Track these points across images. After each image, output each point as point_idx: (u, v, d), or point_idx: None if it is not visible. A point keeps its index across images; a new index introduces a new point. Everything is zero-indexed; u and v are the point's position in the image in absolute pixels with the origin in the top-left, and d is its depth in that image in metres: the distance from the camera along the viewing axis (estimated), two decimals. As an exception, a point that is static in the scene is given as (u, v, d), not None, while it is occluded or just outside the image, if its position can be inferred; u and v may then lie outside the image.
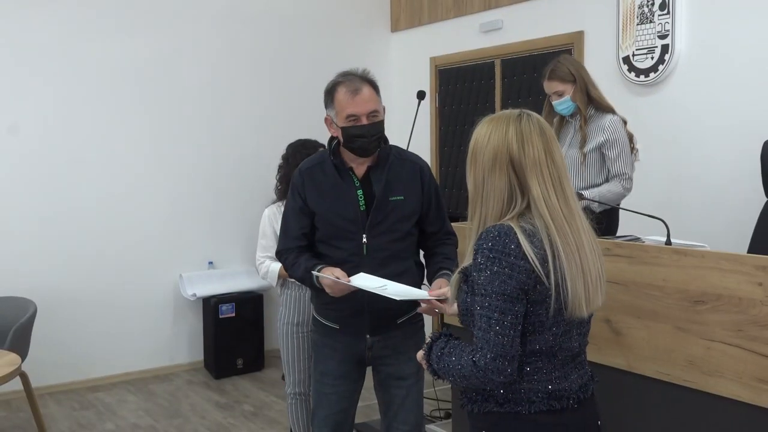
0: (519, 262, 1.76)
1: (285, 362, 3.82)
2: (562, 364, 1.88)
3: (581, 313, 1.83)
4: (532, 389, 1.85)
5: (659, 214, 2.86)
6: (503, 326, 1.76)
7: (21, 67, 5.26)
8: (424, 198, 2.81)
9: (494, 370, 1.76)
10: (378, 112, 2.82)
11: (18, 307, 4.41)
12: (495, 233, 1.79)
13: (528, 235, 1.79)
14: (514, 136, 1.83)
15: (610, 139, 3.63)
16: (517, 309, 1.77)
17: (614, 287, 2.68)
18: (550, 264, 1.78)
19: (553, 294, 1.78)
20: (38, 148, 5.31)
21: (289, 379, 3.83)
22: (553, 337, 1.84)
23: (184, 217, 5.91)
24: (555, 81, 3.70)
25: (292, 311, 3.79)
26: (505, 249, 1.77)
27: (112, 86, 5.56)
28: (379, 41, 6.82)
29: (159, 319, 5.87)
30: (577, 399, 1.89)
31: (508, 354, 1.77)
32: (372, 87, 2.85)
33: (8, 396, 5.10)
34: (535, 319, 1.81)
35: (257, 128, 6.09)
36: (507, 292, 1.76)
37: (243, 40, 6.11)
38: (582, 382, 1.93)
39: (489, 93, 5.89)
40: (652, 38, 4.65)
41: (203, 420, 4.86)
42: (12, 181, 5.25)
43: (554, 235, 1.79)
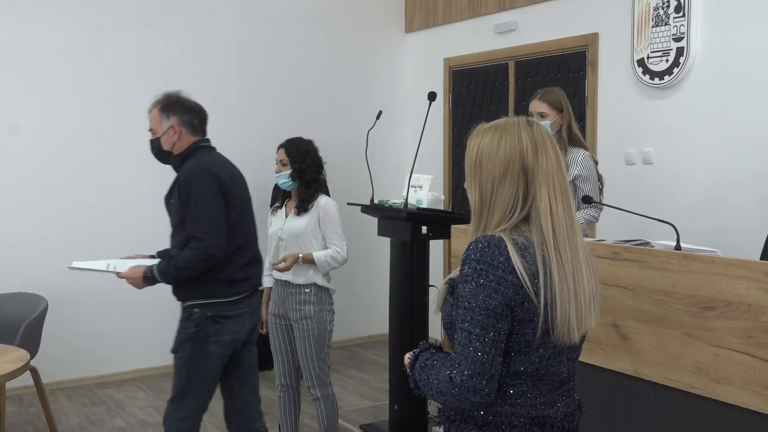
0: (507, 276, 1.65)
1: (272, 353, 3.94)
2: (548, 389, 1.76)
3: (570, 339, 1.71)
4: (514, 413, 1.73)
5: (669, 218, 2.83)
6: (483, 343, 1.64)
7: (38, 66, 5.30)
8: (181, 205, 3.08)
9: (470, 389, 1.64)
10: (152, 130, 3.25)
11: (29, 303, 4.43)
12: (484, 244, 1.68)
13: (519, 248, 1.68)
14: (528, 143, 1.72)
15: (584, 173, 3.71)
16: (500, 326, 1.65)
17: (622, 292, 2.65)
18: (540, 282, 1.67)
19: (542, 314, 1.67)
20: (53, 146, 5.34)
21: (275, 370, 3.96)
22: (539, 359, 1.72)
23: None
24: (544, 103, 3.76)
25: (273, 302, 3.88)
26: (493, 261, 1.66)
27: (126, 85, 5.59)
28: (393, 42, 6.81)
29: (169, 316, 5.83)
30: (561, 428, 1.78)
31: (487, 373, 1.65)
32: (156, 106, 3.27)
33: (20, 391, 5.13)
34: (521, 338, 1.69)
35: (272, 127, 6.10)
36: (491, 307, 1.64)
37: (257, 40, 6.12)
38: (568, 411, 1.81)
39: (503, 94, 5.86)
40: (667, 41, 4.62)
41: (211, 418, 4.86)
42: (25, 178, 5.28)
43: (550, 253, 1.69)
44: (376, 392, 5.30)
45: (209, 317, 3.09)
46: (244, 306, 3.20)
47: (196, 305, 3.10)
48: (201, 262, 3.03)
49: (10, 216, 5.23)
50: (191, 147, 3.21)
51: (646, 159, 4.81)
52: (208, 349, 3.11)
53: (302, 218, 3.79)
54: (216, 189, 3.06)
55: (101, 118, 5.52)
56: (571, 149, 3.75)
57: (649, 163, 4.80)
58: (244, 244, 3.19)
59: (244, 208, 3.23)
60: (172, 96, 3.27)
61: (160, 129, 3.20)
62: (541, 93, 3.79)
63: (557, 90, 3.83)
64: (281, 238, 3.79)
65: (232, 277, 3.12)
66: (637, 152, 4.88)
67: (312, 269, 3.74)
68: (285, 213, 3.85)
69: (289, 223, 3.80)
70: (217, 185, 3.07)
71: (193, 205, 3.03)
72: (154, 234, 5.72)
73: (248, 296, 3.23)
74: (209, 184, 3.05)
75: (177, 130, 3.18)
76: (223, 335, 3.12)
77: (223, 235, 3.05)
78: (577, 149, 3.75)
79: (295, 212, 3.80)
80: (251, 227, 3.29)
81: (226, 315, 3.12)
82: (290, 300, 3.78)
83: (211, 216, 3.02)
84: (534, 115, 3.76)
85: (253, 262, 3.26)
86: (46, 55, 5.33)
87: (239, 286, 3.16)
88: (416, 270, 3.96)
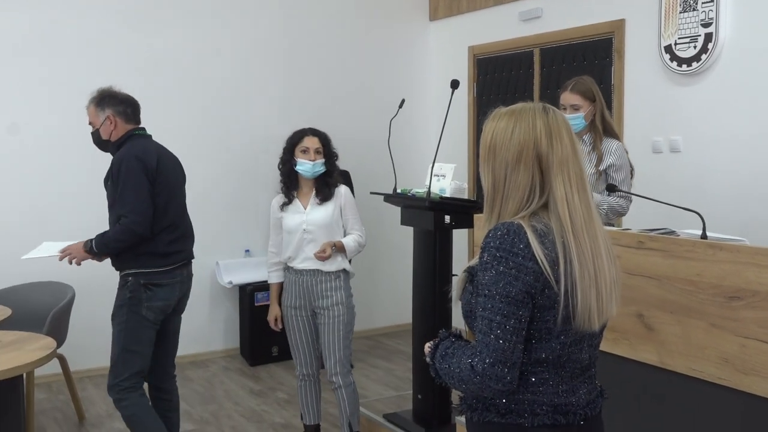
0: (527, 263, 1.64)
1: (290, 345, 3.93)
2: (570, 376, 1.75)
3: (591, 326, 1.70)
4: (536, 401, 1.73)
5: (697, 208, 2.78)
6: (504, 330, 1.64)
7: (58, 57, 5.35)
8: (113, 187, 3.45)
9: (492, 377, 1.64)
10: (91, 123, 3.61)
11: (56, 291, 4.49)
12: (503, 231, 1.67)
13: (539, 235, 1.67)
14: (543, 130, 1.70)
15: (617, 163, 3.67)
16: (521, 313, 1.65)
17: (647, 281, 2.62)
18: (561, 268, 1.66)
19: (562, 301, 1.66)
20: (77, 136, 5.37)
21: (295, 361, 3.94)
22: (560, 347, 1.71)
23: (222, 205, 5.97)
24: (576, 95, 3.70)
25: (291, 295, 3.85)
26: (512, 248, 1.65)
27: (148, 76, 5.62)
28: (417, 30, 6.78)
29: (196, 305, 5.88)
30: (583, 416, 1.77)
31: (509, 360, 1.65)
32: (92, 102, 3.59)
33: (49, 379, 5.21)
34: (542, 325, 1.68)
35: (294, 117, 6.07)
36: (512, 295, 1.64)
37: (280, 30, 6.13)
38: (590, 398, 1.81)
39: (528, 82, 5.81)
40: (695, 27, 4.54)
41: (237, 406, 4.91)
42: (54, 167, 5.34)
43: (570, 240, 1.67)
44: (401, 381, 5.30)
45: (142, 285, 3.47)
46: (174, 276, 3.56)
47: (131, 274, 3.49)
48: (127, 236, 3.41)
49: (38, 206, 5.30)
50: (126, 135, 3.57)
51: (674, 147, 4.75)
52: (142, 314, 3.48)
53: (326, 207, 3.80)
54: (142, 173, 3.42)
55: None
56: (606, 139, 3.71)
57: (676, 152, 4.73)
58: (174, 221, 3.58)
59: (173, 189, 3.60)
60: (105, 91, 3.62)
61: (98, 121, 3.56)
62: (572, 84, 3.74)
63: (587, 79, 3.78)
64: (306, 230, 3.78)
65: (163, 251, 3.51)
66: (664, 140, 4.81)
67: (341, 256, 3.80)
68: (302, 205, 3.83)
69: (313, 213, 3.80)
70: (143, 169, 3.43)
71: (121, 187, 3.41)
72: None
73: (178, 268, 3.59)
74: (135, 169, 3.41)
75: (112, 120, 3.54)
76: (154, 301, 3.50)
77: (146, 213, 3.41)
78: (610, 139, 3.72)
79: (317, 202, 3.81)
80: (182, 207, 3.68)
81: (158, 283, 3.50)
82: (319, 288, 3.79)
83: (135, 197, 3.39)
84: (566, 108, 3.72)
85: (182, 238, 3.64)
86: (59, 49, 5.38)
87: (169, 259, 3.54)
88: (439, 259, 3.94)
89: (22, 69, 5.26)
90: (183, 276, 3.63)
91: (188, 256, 3.69)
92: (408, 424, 4.06)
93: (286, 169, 3.85)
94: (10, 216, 5.22)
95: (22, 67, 5.25)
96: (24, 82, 5.27)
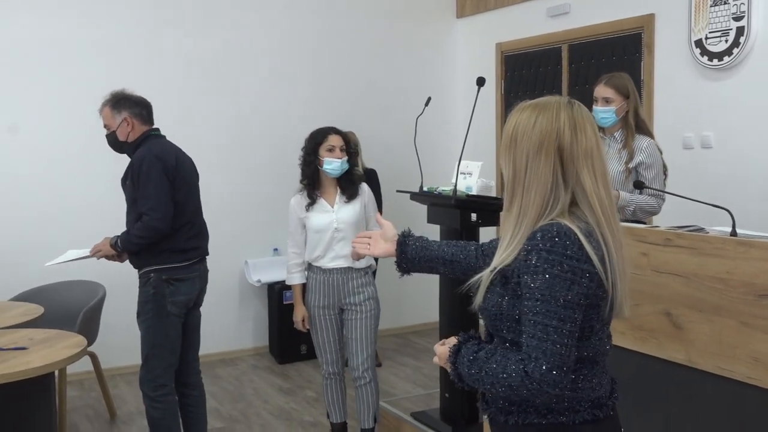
0: (582, 266, 1.62)
1: (316, 344, 3.93)
2: (601, 370, 1.76)
3: (622, 314, 1.72)
4: (576, 398, 1.70)
5: (729, 205, 2.73)
6: (561, 335, 1.60)
7: (79, 62, 5.41)
8: (133, 186, 3.54)
9: (550, 383, 1.59)
10: (106, 126, 3.69)
11: (88, 290, 4.55)
12: (554, 232, 1.63)
13: (585, 235, 1.65)
14: (566, 122, 1.68)
15: (647, 161, 3.65)
16: (576, 316, 1.62)
17: (675, 279, 2.58)
18: (607, 264, 1.66)
19: (609, 295, 1.67)
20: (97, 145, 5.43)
21: (321, 360, 3.94)
22: (599, 343, 1.72)
23: (250, 205, 6.00)
24: (610, 88, 3.69)
25: (318, 295, 3.85)
26: (566, 251, 1.62)
27: (177, 76, 5.68)
28: (444, 28, 6.76)
29: (225, 304, 5.98)
30: (611, 406, 1.78)
31: (565, 365, 1.61)
32: (106, 104, 3.67)
33: (81, 376, 5.28)
34: (586, 324, 1.67)
35: (321, 116, 6.06)
36: (568, 298, 1.60)
37: (308, 28, 6.15)
38: (611, 388, 1.81)
39: (556, 79, 5.77)
40: (726, 20, 4.46)
41: (266, 404, 4.94)
42: (83, 167, 5.41)
43: (606, 232, 1.67)
44: (429, 380, 5.29)
45: (164, 280, 3.58)
46: (193, 271, 3.68)
47: (153, 270, 3.59)
48: (149, 233, 3.51)
49: (70, 206, 5.37)
50: (143, 135, 3.65)
51: (705, 143, 4.68)
52: (167, 309, 3.59)
53: (353, 205, 3.82)
54: (162, 172, 3.51)
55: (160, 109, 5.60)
56: (638, 136, 3.68)
57: (708, 148, 4.66)
58: (192, 219, 3.70)
59: (190, 188, 3.72)
60: (119, 93, 3.69)
61: (114, 123, 3.64)
62: (606, 78, 3.73)
63: (624, 75, 3.76)
64: (337, 229, 3.79)
65: (181, 247, 3.62)
66: (695, 136, 4.74)
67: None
68: (329, 204, 3.84)
69: (342, 212, 3.81)
70: (163, 169, 3.52)
71: (142, 185, 3.50)
72: (212, 222, 5.83)
73: (196, 263, 3.71)
74: (156, 168, 3.50)
75: (129, 121, 3.62)
76: (177, 296, 3.62)
77: (166, 211, 3.51)
78: (642, 137, 3.68)
79: (345, 200, 3.82)
80: (197, 204, 3.80)
81: (180, 278, 3.62)
82: (350, 285, 3.81)
83: (155, 195, 3.49)
84: (599, 101, 3.70)
85: (199, 234, 3.77)
86: (84, 51, 5.45)
87: (188, 254, 3.66)
88: (466, 257, 3.92)
89: (47, 74, 5.33)
90: (201, 271, 3.76)
91: (204, 252, 3.82)
92: (435, 423, 4.05)
93: (311, 169, 3.83)
94: (42, 217, 5.30)
95: (46, 72, 5.33)
96: (47, 86, 5.34)
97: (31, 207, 5.29)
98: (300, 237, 3.88)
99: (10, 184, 5.24)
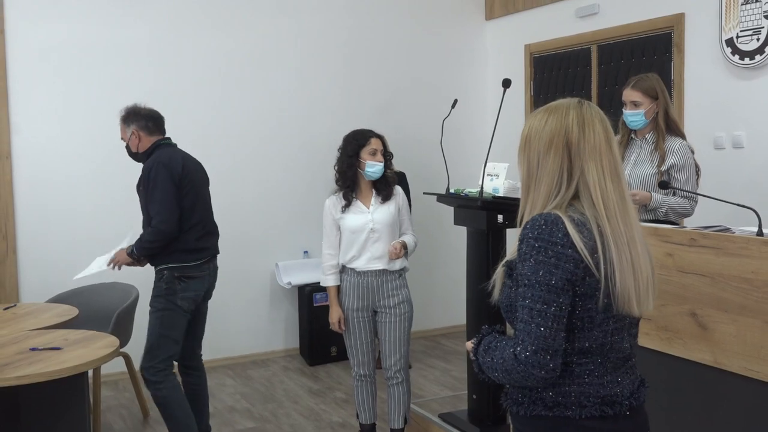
0: (566, 251, 1.67)
1: (348, 346, 3.95)
2: (614, 367, 1.77)
3: (631, 309, 1.72)
4: (582, 393, 1.74)
5: (760, 205, 2.71)
6: (545, 318, 1.66)
7: (116, 64, 5.51)
8: (145, 192, 3.84)
9: (535, 364, 1.66)
10: (122, 139, 4.04)
11: (121, 292, 4.63)
12: (541, 222, 1.71)
13: (576, 224, 1.70)
14: (574, 120, 1.75)
15: (679, 163, 3.61)
16: (561, 301, 1.67)
17: (700, 279, 2.57)
18: (600, 254, 1.68)
19: (602, 286, 1.68)
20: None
21: (353, 361, 3.96)
22: (603, 335, 1.73)
23: (281, 208, 6.07)
24: (637, 91, 3.67)
25: (353, 297, 3.86)
26: (551, 238, 1.68)
27: (207, 80, 5.76)
28: (473, 29, 6.76)
29: (257, 306, 6.05)
30: (629, 406, 1.78)
31: (551, 348, 1.66)
32: (120, 119, 4.00)
33: (115, 377, 5.38)
34: (584, 314, 1.71)
35: (351, 118, 6.14)
36: (551, 283, 1.66)
37: (336, 30, 6.20)
38: (633, 388, 1.82)
39: (585, 80, 5.74)
40: (758, 18, 4.41)
41: (296, 405, 4.99)
42: (116, 171, 5.50)
43: (605, 224, 1.70)
44: (457, 382, 5.30)
45: (176, 277, 3.85)
46: (203, 270, 3.95)
47: (166, 268, 3.86)
48: (157, 237, 3.80)
49: (103, 208, 5.47)
50: (153, 145, 3.94)
51: (737, 143, 4.62)
52: (177, 304, 3.86)
53: (388, 206, 3.86)
54: (168, 178, 3.78)
55: (185, 116, 5.69)
56: (669, 138, 3.65)
57: (739, 147, 4.61)
58: (201, 220, 3.95)
59: (198, 191, 3.96)
60: (129, 108, 3.99)
61: (126, 136, 3.99)
62: (634, 81, 3.71)
63: (651, 76, 3.73)
64: (374, 230, 3.82)
65: (192, 247, 3.89)
66: (726, 136, 4.69)
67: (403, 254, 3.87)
68: (366, 205, 3.86)
69: (377, 213, 3.84)
70: (170, 175, 3.79)
71: (151, 192, 3.80)
72: (243, 225, 5.92)
73: (206, 262, 3.97)
74: (162, 175, 3.78)
75: (137, 134, 3.94)
76: (187, 292, 3.88)
77: (172, 215, 3.78)
78: (674, 138, 3.66)
79: (380, 201, 3.85)
80: (207, 206, 4.05)
81: (190, 276, 3.88)
82: (385, 287, 3.84)
83: (162, 200, 3.77)
84: (627, 104, 3.69)
85: (209, 234, 4.02)
86: (126, 53, 5.55)
87: (199, 254, 3.92)
88: (492, 259, 3.92)
89: (83, 79, 5.45)
90: (210, 269, 4.02)
91: (214, 251, 4.07)
92: (462, 424, 4.06)
93: (352, 171, 3.83)
94: (83, 221, 5.42)
95: (83, 77, 5.45)
96: (84, 91, 5.45)
97: (65, 212, 5.39)
98: (335, 238, 3.89)
99: (49, 189, 5.35)
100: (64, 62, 5.36)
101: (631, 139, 3.78)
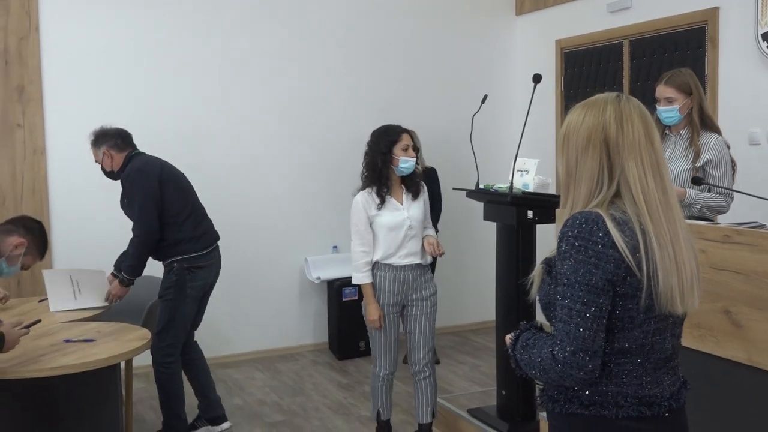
0: (607, 251, 1.64)
1: (380, 344, 3.89)
2: (654, 367, 1.74)
3: (675, 308, 1.69)
4: (620, 392, 1.72)
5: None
6: (585, 318, 1.64)
7: (142, 66, 5.56)
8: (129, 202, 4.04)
9: (573, 365, 1.64)
10: (96, 161, 4.22)
11: (152, 286, 4.67)
12: (581, 220, 1.67)
13: (617, 223, 1.66)
14: (612, 116, 1.72)
15: (715, 159, 3.56)
16: (601, 301, 1.65)
17: (735, 277, 2.54)
18: (642, 253, 1.65)
19: (645, 286, 1.65)
20: (165, 143, 5.57)
21: (380, 360, 3.92)
22: (643, 336, 1.70)
23: (310, 203, 6.09)
24: (671, 87, 3.62)
25: (388, 292, 3.83)
26: (591, 237, 1.65)
27: (233, 77, 5.80)
28: (503, 25, 6.73)
29: (286, 301, 6.09)
30: (668, 407, 1.75)
31: (590, 348, 1.65)
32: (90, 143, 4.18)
33: (147, 369, 5.41)
34: (624, 314, 1.68)
35: (379, 113, 6.14)
36: (591, 283, 1.64)
37: (365, 25, 6.21)
38: (674, 390, 1.78)
39: (617, 75, 5.69)
40: (794, 12, 4.34)
41: (324, 399, 5.01)
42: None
43: (647, 222, 1.67)
44: (487, 377, 5.29)
45: (186, 268, 4.08)
46: (210, 258, 4.20)
47: (175, 261, 4.09)
48: (138, 248, 4.05)
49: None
50: (125, 160, 4.13)
51: (772, 138, 4.55)
52: (186, 293, 4.10)
53: (418, 202, 3.88)
54: (145, 180, 3.99)
55: (215, 114, 5.73)
56: (704, 133, 3.61)
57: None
58: (193, 208, 4.18)
59: (183, 186, 4.18)
60: (96, 131, 4.17)
61: (99, 158, 4.17)
62: (667, 76, 3.66)
63: (685, 72, 3.68)
64: (411, 226, 3.82)
65: (193, 234, 4.11)
66: (762, 132, 4.62)
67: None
68: (399, 201, 3.84)
69: (413, 210, 3.84)
70: (147, 176, 4.00)
71: (131, 199, 4.02)
72: (272, 221, 5.96)
73: (211, 251, 4.21)
74: (138, 180, 4.00)
75: (108, 153, 4.12)
76: (196, 281, 4.13)
77: (150, 215, 3.99)
78: (709, 134, 3.61)
79: (411, 198, 3.86)
80: (193, 195, 4.25)
81: (199, 266, 4.12)
82: (419, 281, 3.86)
83: (139, 206, 3.98)
84: (661, 101, 3.65)
85: (203, 219, 4.25)
86: (159, 51, 5.60)
87: (203, 241, 4.15)
88: (522, 255, 3.91)
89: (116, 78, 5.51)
90: (215, 258, 4.28)
91: (215, 235, 4.29)
92: (491, 420, 4.05)
93: (385, 168, 3.79)
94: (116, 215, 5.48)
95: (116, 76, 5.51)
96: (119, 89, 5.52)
97: (99, 206, 5.46)
98: (369, 235, 3.80)
99: (83, 183, 5.42)
100: (99, 59, 5.43)
101: (665, 135, 3.74)
